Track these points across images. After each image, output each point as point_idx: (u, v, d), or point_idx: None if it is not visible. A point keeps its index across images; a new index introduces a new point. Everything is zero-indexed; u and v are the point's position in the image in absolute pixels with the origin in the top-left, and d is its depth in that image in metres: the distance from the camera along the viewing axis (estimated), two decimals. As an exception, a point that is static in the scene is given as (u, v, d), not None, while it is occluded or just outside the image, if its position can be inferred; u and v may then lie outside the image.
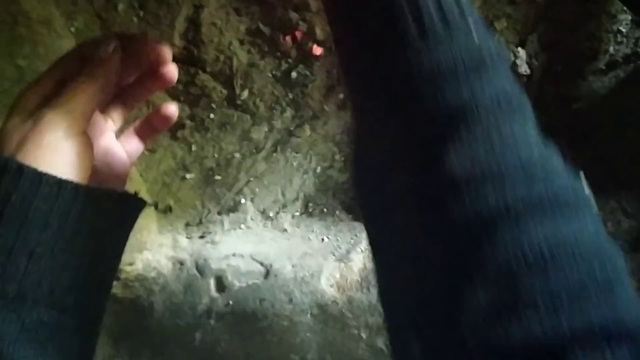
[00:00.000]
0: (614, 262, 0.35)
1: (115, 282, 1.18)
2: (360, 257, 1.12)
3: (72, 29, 1.32)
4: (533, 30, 1.18)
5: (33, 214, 0.43)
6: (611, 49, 1.13)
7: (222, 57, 1.28)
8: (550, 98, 1.16)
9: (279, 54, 1.28)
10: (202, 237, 1.28)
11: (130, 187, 1.22)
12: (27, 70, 1.15)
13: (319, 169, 1.27)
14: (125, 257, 1.12)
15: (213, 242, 1.25)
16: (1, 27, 1.17)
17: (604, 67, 1.13)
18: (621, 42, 1.13)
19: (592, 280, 0.33)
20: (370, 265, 1.12)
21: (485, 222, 0.35)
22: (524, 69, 1.14)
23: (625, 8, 1.11)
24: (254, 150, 1.30)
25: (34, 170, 0.43)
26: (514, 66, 1.14)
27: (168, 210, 1.33)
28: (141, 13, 1.31)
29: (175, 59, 1.31)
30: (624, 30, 1.13)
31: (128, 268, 1.16)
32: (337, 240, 1.19)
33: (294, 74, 1.26)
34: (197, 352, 1.19)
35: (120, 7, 1.31)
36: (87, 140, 0.48)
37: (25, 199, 0.43)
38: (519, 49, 1.16)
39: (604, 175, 1.04)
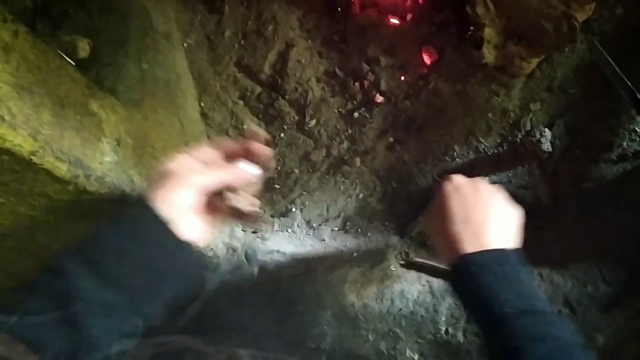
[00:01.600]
0: None
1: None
2: (380, 274, 1.35)
3: (185, 45, 1.61)
4: (562, 116, 1.39)
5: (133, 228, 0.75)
6: (625, 144, 1.33)
7: (300, 89, 1.54)
8: (565, 175, 1.37)
9: (347, 95, 1.52)
10: (254, 232, 1.53)
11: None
12: (147, 73, 1.43)
13: (361, 196, 1.50)
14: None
15: (263, 238, 1.49)
16: (135, 35, 1.46)
17: (615, 158, 1.32)
18: (634, 140, 1.33)
19: None
20: (387, 281, 1.34)
21: None
22: (547, 146, 1.35)
23: (641, 113, 1.31)
24: (310, 170, 1.55)
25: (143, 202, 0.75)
26: (538, 143, 1.34)
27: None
28: (242, 42, 1.59)
29: (261, 84, 1.59)
30: (638, 130, 1.33)
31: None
32: (365, 256, 1.42)
33: (355, 114, 1.51)
34: (234, 321, 1.43)
35: (227, 33, 1.59)
36: (193, 196, 0.79)
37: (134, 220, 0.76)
38: (546, 129, 1.37)
39: (594, 246, 1.24)
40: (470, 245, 0.85)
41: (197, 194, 0.78)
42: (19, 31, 1.02)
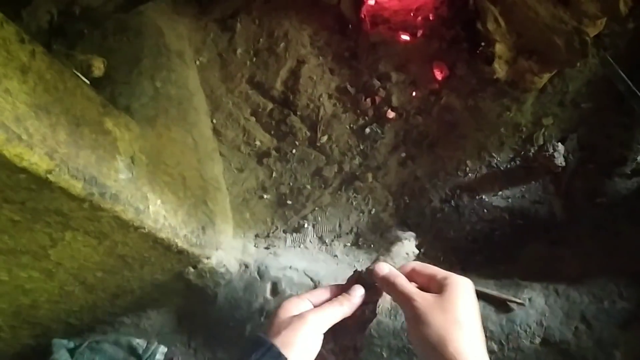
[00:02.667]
0: None
1: (192, 270, 1.44)
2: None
3: (198, 62, 1.63)
4: (575, 130, 1.39)
5: None
6: (638, 158, 1.32)
7: (311, 106, 1.55)
8: (579, 190, 1.35)
9: (358, 111, 1.53)
10: (267, 248, 1.52)
11: (217, 198, 1.49)
12: (161, 91, 1.45)
13: (373, 211, 1.50)
14: (205, 252, 1.38)
15: (275, 254, 1.49)
16: (149, 54, 1.48)
17: (629, 172, 1.31)
18: (648, 154, 1.32)
19: None
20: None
21: None
22: (560, 161, 1.34)
23: (655, 127, 1.30)
24: (322, 186, 1.55)
25: (278, 352, 0.70)
26: (551, 157, 1.34)
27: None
28: (254, 59, 1.60)
29: (273, 100, 1.60)
30: (652, 144, 1.31)
31: (205, 260, 1.41)
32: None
33: (367, 130, 1.51)
34: (244, 341, 1.42)
35: (239, 51, 1.61)
36: (319, 340, 0.75)
37: None
38: (559, 144, 1.36)
39: (610, 262, 1.22)
40: None
41: (321, 334, 0.75)
42: (36, 52, 1.04)
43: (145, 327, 1.55)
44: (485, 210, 1.37)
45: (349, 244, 1.49)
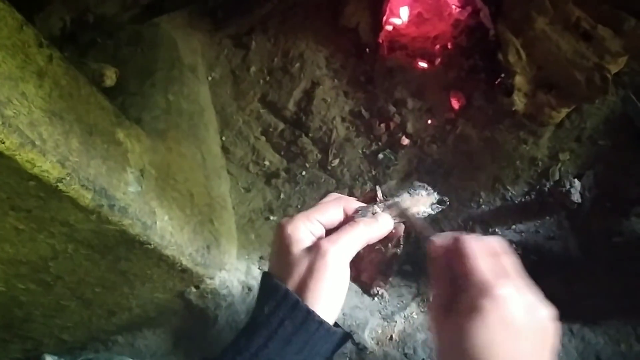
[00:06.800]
0: None
1: (194, 290, 1.39)
2: (402, 321, 1.30)
3: (210, 78, 1.60)
4: (591, 167, 1.37)
5: (294, 339, 0.55)
6: (656, 198, 1.30)
7: (324, 128, 1.52)
8: (595, 228, 1.33)
9: (372, 136, 1.51)
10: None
11: (223, 217, 1.45)
12: (173, 104, 1.41)
13: (382, 239, 1.46)
14: (209, 272, 1.33)
15: (279, 278, 1.45)
16: (162, 66, 1.45)
17: (646, 212, 1.29)
18: (666, 195, 1.30)
19: None
20: (409, 329, 1.29)
21: None
22: (576, 197, 1.32)
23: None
24: (331, 210, 1.51)
25: (307, 309, 0.55)
26: (567, 193, 1.32)
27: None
28: (268, 78, 1.58)
29: (285, 120, 1.57)
30: (670, 184, 1.30)
31: (208, 281, 1.37)
32: (386, 302, 1.37)
33: (380, 155, 1.49)
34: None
35: (252, 69, 1.59)
36: (348, 274, 0.58)
37: (295, 328, 0.55)
38: (576, 180, 1.34)
39: (628, 303, 1.19)
40: None
41: (347, 267, 0.59)
42: (53, 56, 1.01)
43: (140, 347, 1.49)
44: (498, 244, 1.34)
45: (356, 271, 1.45)
